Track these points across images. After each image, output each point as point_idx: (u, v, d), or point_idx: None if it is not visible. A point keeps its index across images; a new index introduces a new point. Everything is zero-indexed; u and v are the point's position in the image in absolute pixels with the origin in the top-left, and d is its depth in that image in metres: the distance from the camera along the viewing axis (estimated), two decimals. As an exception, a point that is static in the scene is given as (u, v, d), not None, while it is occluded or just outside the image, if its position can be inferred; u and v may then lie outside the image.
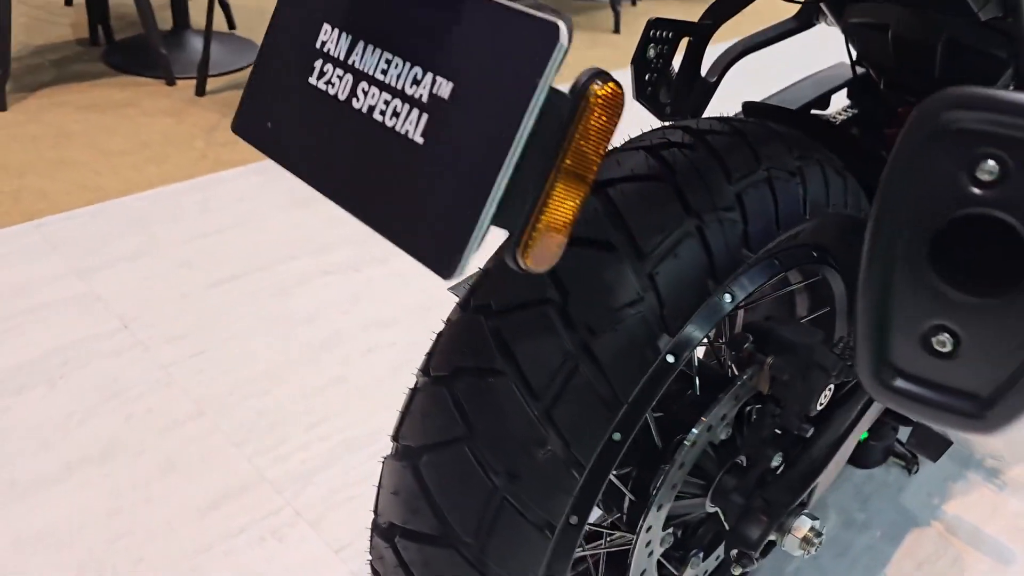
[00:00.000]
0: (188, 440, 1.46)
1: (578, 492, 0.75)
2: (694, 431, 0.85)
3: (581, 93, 0.45)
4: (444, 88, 0.47)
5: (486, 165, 0.44)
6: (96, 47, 2.88)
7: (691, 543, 1.00)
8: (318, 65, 0.54)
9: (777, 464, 0.92)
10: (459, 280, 0.51)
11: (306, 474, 1.42)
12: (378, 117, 0.50)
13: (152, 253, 1.91)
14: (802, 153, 0.84)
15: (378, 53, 0.50)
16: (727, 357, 0.93)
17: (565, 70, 0.45)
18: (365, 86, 0.51)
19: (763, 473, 0.92)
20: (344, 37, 0.52)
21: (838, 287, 1.04)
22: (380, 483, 0.80)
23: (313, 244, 1.99)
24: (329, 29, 0.53)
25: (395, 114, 0.49)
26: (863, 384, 0.54)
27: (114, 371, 1.58)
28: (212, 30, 2.58)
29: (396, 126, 0.49)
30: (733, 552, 0.90)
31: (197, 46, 2.82)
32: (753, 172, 0.79)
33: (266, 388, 1.58)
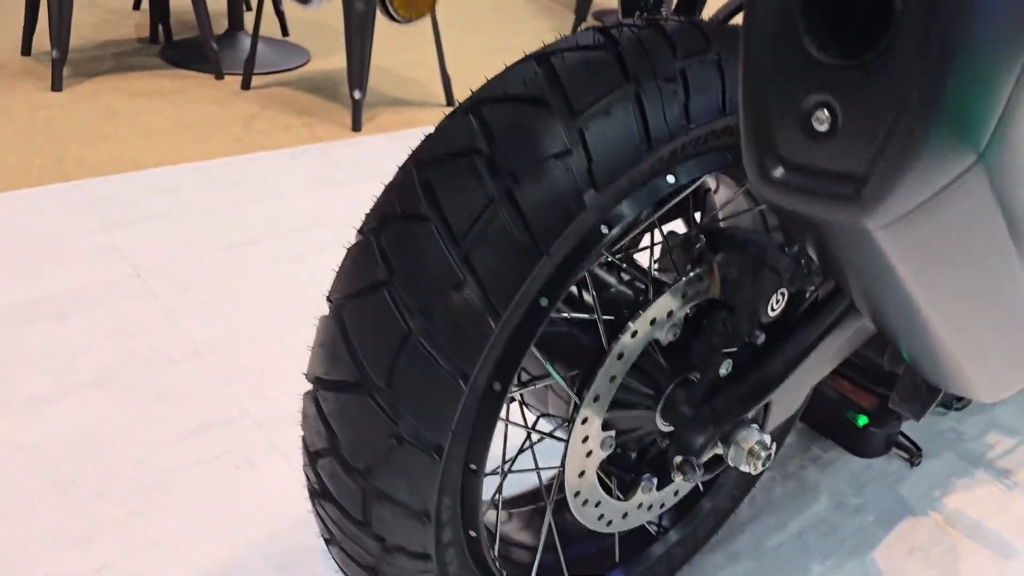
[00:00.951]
0: (181, 376, 1.48)
1: (500, 356, 0.75)
2: (631, 323, 0.83)
3: None
4: None
5: None
6: (155, 45, 3.03)
7: (643, 467, 0.97)
8: None
9: (726, 372, 0.89)
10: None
11: (289, 415, 1.42)
12: None
13: (177, 216, 1.98)
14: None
15: None
16: (679, 260, 0.91)
17: None
18: None
19: (712, 382, 0.89)
20: None
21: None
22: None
23: (333, 220, 2.03)
24: None
25: None
26: (749, 179, 0.53)
27: (122, 312, 1.62)
28: (259, 27, 2.69)
29: None
30: (676, 459, 0.88)
31: (248, 46, 2.93)
32: (703, 53, 0.79)
33: (266, 338, 1.61)
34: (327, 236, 1.96)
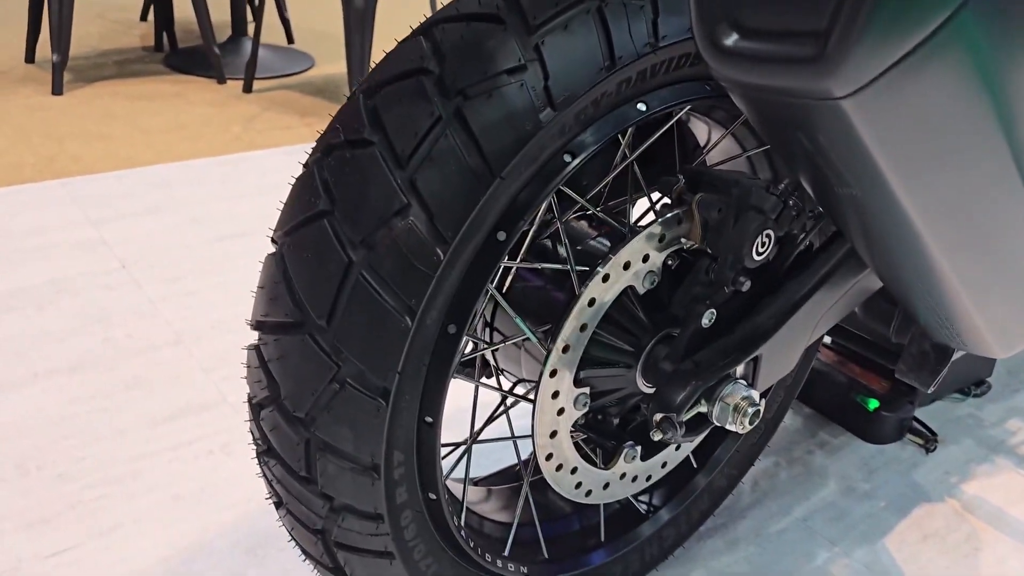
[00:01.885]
0: (160, 362, 1.43)
1: (454, 294, 0.69)
2: (601, 266, 0.77)
3: None
4: None
5: None
6: (160, 52, 3.02)
7: (625, 434, 0.90)
8: None
9: (709, 323, 0.82)
10: None
11: (270, 401, 1.37)
12: None
13: (167, 211, 1.94)
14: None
15: None
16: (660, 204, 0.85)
17: None
18: None
19: (695, 335, 0.83)
20: None
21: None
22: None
23: (325, 213, 1.98)
24: None
25: None
26: (702, 54, 0.47)
27: (103, 301, 1.58)
28: (261, 30, 2.67)
29: None
30: (656, 416, 0.81)
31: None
32: (674, -27, 0.73)
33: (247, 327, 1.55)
34: (320, 229, 1.91)
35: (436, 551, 0.81)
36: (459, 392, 0.87)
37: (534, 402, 0.80)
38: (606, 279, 0.78)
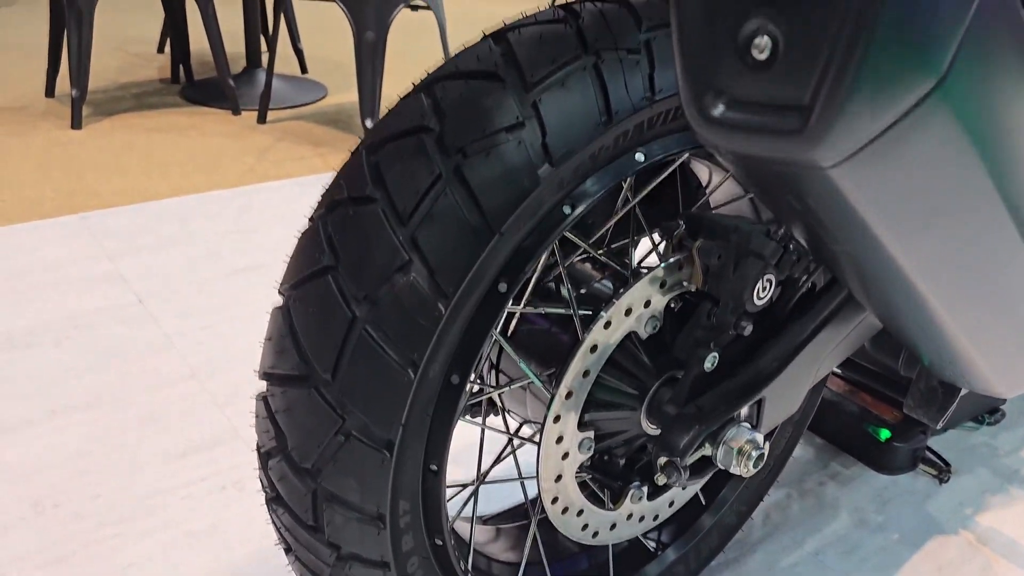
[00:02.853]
0: (174, 398, 1.45)
1: (457, 345, 0.70)
2: (604, 312, 0.78)
3: None
4: None
5: None
6: (176, 85, 3.07)
7: (632, 474, 0.91)
8: None
9: (711, 367, 0.83)
10: None
11: (283, 436, 1.38)
12: None
13: (183, 244, 1.97)
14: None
15: None
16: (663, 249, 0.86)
17: None
18: None
19: (698, 378, 0.83)
20: None
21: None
22: (265, 340, 0.76)
23: (338, 244, 2.00)
24: None
25: None
26: (690, 122, 0.48)
27: (119, 337, 1.60)
28: (275, 62, 2.71)
29: None
30: (660, 460, 0.81)
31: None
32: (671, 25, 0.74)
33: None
34: (333, 260, 1.93)
35: (443, 595, 0.82)
36: (466, 430, 0.88)
37: (539, 445, 0.81)
38: (608, 325, 0.79)
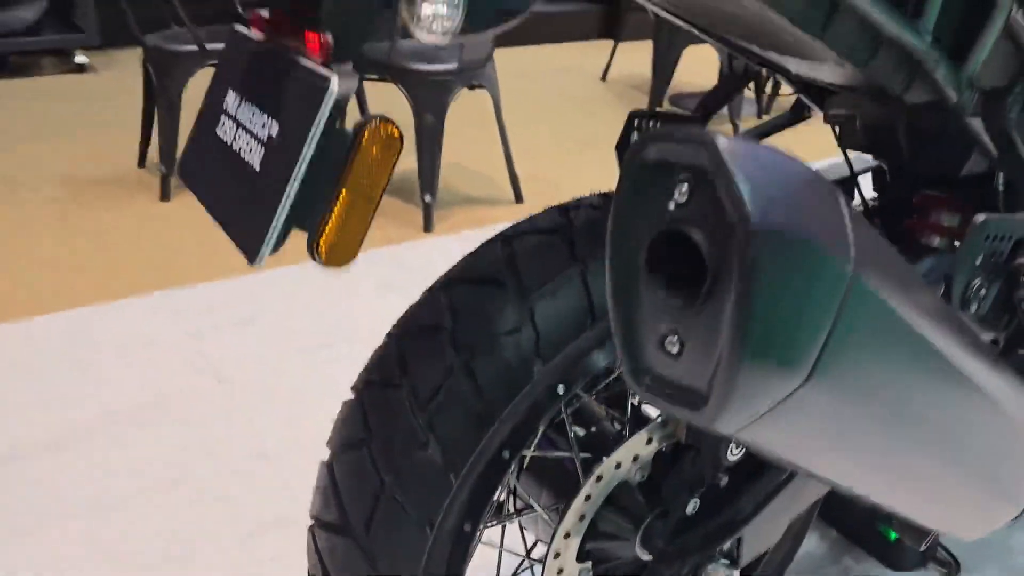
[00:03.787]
0: (248, 476, 1.65)
1: (467, 502, 0.85)
2: (596, 468, 0.92)
3: (357, 131, 0.59)
4: (273, 128, 0.63)
5: (279, 183, 0.59)
6: (255, 152, 3.32)
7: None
8: (222, 119, 0.71)
9: (693, 511, 0.96)
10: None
11: (340, 517, 1.56)
12: (241, 154, 0.67)
13: (259, 322, 2.18)
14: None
15: (249, 107, 0.67)
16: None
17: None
18: (240, 132, 0.68)
19: (681, 520, 0.96)
20: (235, 97, 0.70)
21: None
22: (315, 485, 0.93)
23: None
24: (231, 92, 0.71)
25: (249, 150, 0.65)
26: (626, 383, 0.62)
27: (200, 417, 1.81)
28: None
29: (248, 158, 0.65)
30: (649, 591, 0.95)
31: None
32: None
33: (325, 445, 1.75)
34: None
35: None
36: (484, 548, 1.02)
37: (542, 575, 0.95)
38: (599, 479, 0.93)
